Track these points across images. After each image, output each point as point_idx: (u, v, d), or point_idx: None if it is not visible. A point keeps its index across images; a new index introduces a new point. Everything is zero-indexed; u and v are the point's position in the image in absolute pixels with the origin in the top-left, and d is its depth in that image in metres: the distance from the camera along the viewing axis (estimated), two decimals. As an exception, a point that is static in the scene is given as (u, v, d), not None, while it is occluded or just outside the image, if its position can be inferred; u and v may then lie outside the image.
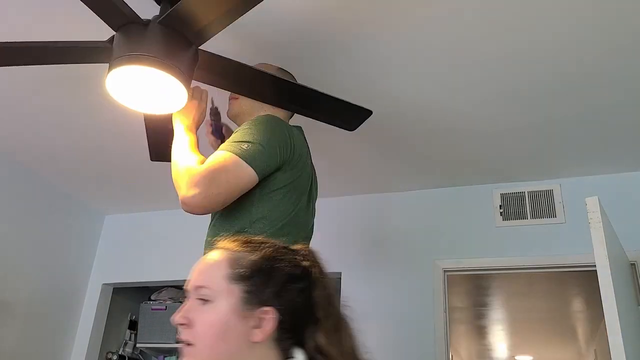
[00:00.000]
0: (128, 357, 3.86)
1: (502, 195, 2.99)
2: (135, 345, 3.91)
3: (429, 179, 3.04)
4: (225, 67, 1.73)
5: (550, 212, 2.87)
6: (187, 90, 1.60)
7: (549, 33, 1.91)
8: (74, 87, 2.33)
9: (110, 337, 3.73)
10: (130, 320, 3.97)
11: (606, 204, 2.69)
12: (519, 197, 2.96)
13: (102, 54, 1.65)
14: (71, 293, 3.47)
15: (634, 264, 2.57)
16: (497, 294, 4.74)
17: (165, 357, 3.95)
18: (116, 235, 3.73)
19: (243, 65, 1.69)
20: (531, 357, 7.22)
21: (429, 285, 2.89)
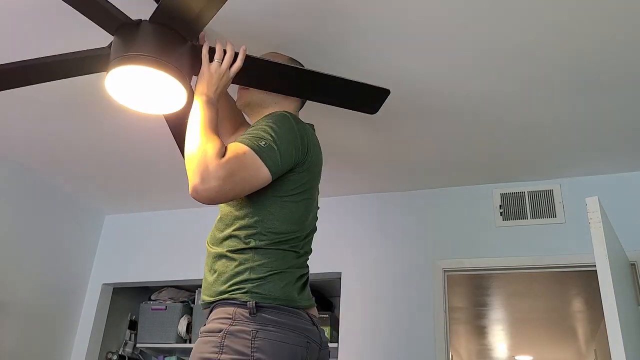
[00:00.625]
0: (128, 357, 3.86)
1: (502, 195, 2.99)
2: (135, 345, 3.90)
3: (429, 179, 3.04)
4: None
5: (550, 212, 2.88)
6: (184, 87, 1.59)
7: (550, 33, 1.91)
8: (74, 87, 2.33)
9: (110, 337, 3.73)
10: (130, 320, 3.97)
11: (606, 204, 2.70)
12: (519, 197, 2.96)
13: (104, 61, 1.65)
14: (71, 293, 3.47)
15: (634, 264, 2.57)
16: (497, 294, 4.74)
17: (165, 357, 3.94)
18: (116, 235, 3.73)
19: (249, 57, 1.63)
20: (531, 357, 7.23)
21: (429, 285, 2.90)
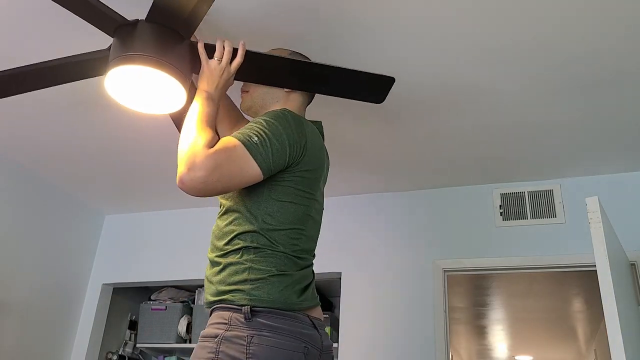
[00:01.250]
0: (128, 357, 3.86)
1: (502, 195, 2.99)
2: (135, 345, 3.90)
3: (429, 179, 3.04)
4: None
5: (550, 212, 2.88)
6: (183, 85, 1.59)
7: (550, 33, 1.91)
8: (74, 87, 2.33)
9: (110, 337, 3.73)
10: (130, 320, 3.97)
11: (606, 204, 2.70)
12: (519, 197, 2.96)
13: (105, 63, 1.64)
14: (71, 293, 3.47)
15: (634, 264, 2.57)
16: (497, 294, 4.74)
17: (165, 357, 3.95)
18: (116, 235, 3.73)
19: (250, 52, 1.62)
20: (531, 357, 7.23)
21: (429, 285, 2.90)
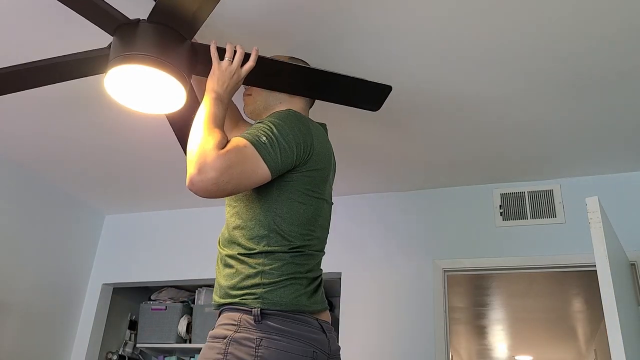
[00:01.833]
0: (128, 357, 3.86)
1: (502, 195, 2.99)
2: (135, 345, 3.91)
3: (429, 179, 3.04)
4: None
5: (550, 212, 2.87)
6: (183, 86, 1.58)
7: (550, 33, 1.91)
8: (74, 87, 2.33)
9: (110, 337, 3.73)
10: (130, 320, 3.97)
11: (606, 204, 2.70)
12: (519, 197, 2.96)
13: (104, 62, 1.64)
14: (71, 293, 3.47)
15: (634, 264, 2.57)
16: (497, 294, 4.75)
17: (165, 357, 3.95)
18: (116, 235, 3.73)
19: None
20: (531, 357, 7.23)
21: (429, 285, 2.90)
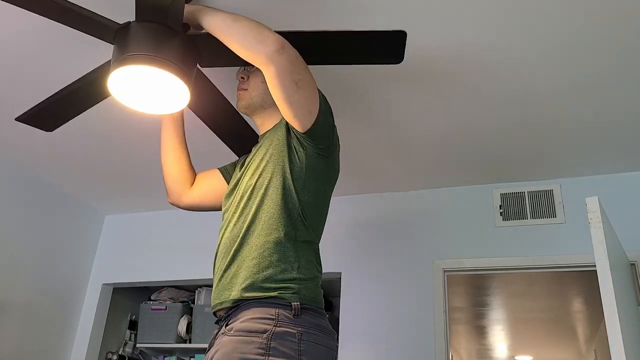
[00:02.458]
0: (128, 357, 3.86)
1: (502, 195, 2.99)
2: (135, 345, 3.91)
3: (429, 179, 3.04)
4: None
5: (550, 212, 2.87)
6: (182, 79, 1.57)
7: (550, 32, 1.91)
8: (74, 87, 2.33)
9: (110, 337, 3.73)
10: (130, 320, 3.97)
11: (606, 204, 2.70)
12: (519, 197, 2.96)
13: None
14: (71, 293, 3.47)
15: (634, 264, 2.57)
16: (497, 294, 4.75)
17: (165, 357, 3.95)
18: (116, 235, 3.73)
19: None
20: (531, 357, 7.23)
21: (429, 285, 2.90)
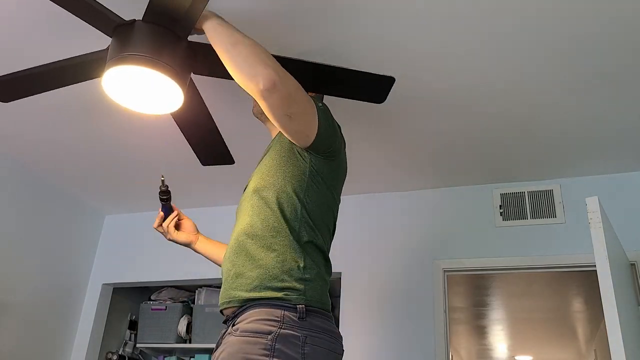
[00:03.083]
0: (128, 357, 3.86)
1: (502, 195, 2.99)
2: (135, 345, 3.91)
3: (429, 179, 3.04)
4: None
5: (550, 212, 2.87)
6: (179, 85, 1.57)
7: (550, 32, 1.91)
8: (74, 87, 2.33)
9: (110, 337, 3.73)
10: (130, 320, 3.97)
11: (606, 204, 2.70)
12: (519, 197, 2.96)
13: (103, 64, 1.64)
14: (71, 293, 3.47)
15: (634, 264, 2.57)
16: (497, 294, 4.74)
17: (165, 357, 3.95)
18: (116, 235, 3.73)
19: None
20: (531, 357, 7.23)
21: (429, 285, 2.90)
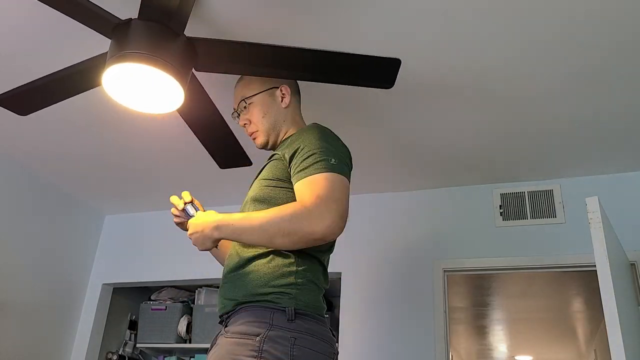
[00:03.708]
0: (128, 357, 3.86)
1: (502, 195, 2.99)
2: (135, 345, 3.90)
3: (429, 179, 3.04)
4: (231, 50, 1.63)
5: (550, 212, 2.87)
6: (178, 81, 1.57)
7: (550, 33, 1.91)
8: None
9: (110, 337, 3.73)
10: (130, 320, 3.97)
11: (606, 204, 2.70)
12: (519, 197, 2.96)
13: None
14: (71, 293, 3.47)
15: (634, 264, 2.57)
16: (497, 294, 4.74)
17: (165, 357, 3.95)
18: (116, 235, 3.73)
19: (253, 45, 1.59)
20: (531, 357, 7.23)
21: (429, 285, 2.90)
